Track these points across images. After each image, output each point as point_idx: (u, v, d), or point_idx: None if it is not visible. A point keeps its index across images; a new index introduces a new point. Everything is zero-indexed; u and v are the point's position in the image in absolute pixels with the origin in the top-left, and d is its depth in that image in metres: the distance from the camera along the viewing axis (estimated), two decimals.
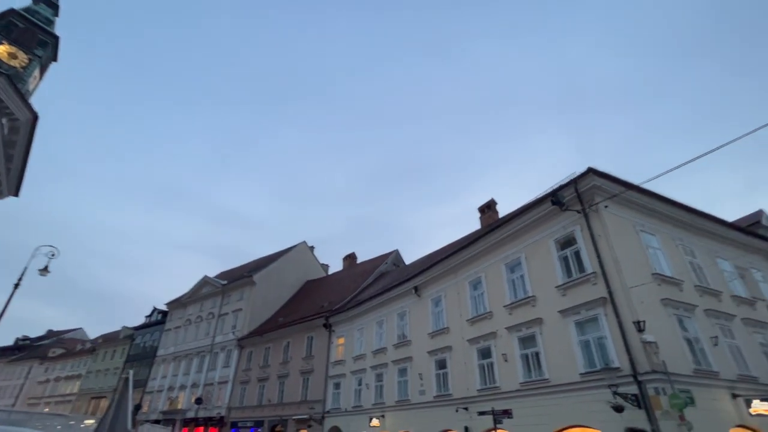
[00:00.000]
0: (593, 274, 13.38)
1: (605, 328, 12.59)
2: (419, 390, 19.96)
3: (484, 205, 26.35)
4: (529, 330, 15.18)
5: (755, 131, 6.50)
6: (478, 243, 18.92)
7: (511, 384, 15.19)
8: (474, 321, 18.01)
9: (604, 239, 13.42)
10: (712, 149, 7.29)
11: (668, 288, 13.49)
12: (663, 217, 15.68)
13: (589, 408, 12.18)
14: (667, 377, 10.86)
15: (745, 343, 13.99)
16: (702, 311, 13.72)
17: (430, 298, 21.60)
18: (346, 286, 35.35)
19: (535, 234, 16.26)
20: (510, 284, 16.94)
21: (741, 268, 16.73)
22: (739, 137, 7.04)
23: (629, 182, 14.45)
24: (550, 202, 14.93)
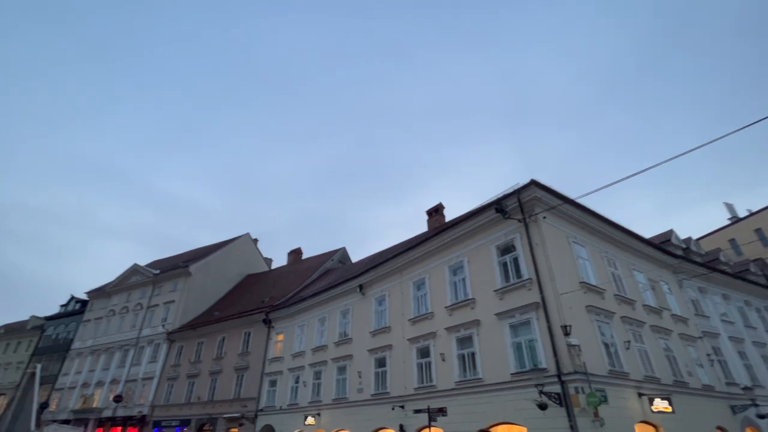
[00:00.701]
0: (529, 280, 14.20)
1: (536, 331, 13.41)
2: (358, 388, 19.99)
3: (432, 209, 26.99)
4: (467, 331, 15.78)
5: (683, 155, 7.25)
6: (424, 245, 19.34)
7: (447, 383, 15.69)
8: (415, 321, 18.38)
9: (541, 248, 14.31)
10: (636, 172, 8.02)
11: (593, 296, 14.68)
12: (592, 230, 17.04)
13: (517, 406, 12.92)
14: (586, 377, 11.83)
15: (651, 348, 15.61)
16: (619, 318, 15.10)
17: (374, 296, 21.72)
18: (289, 281, 34.54)
19: (478, 239, 16.94)
20: (452, 286, 17.51)
21: (652, 280, 18.65)
22: (658, 164, 7.82)
23: (566, 196, 15.53)
24: (494, 210, 15.63)
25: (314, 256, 41.01)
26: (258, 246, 48.92)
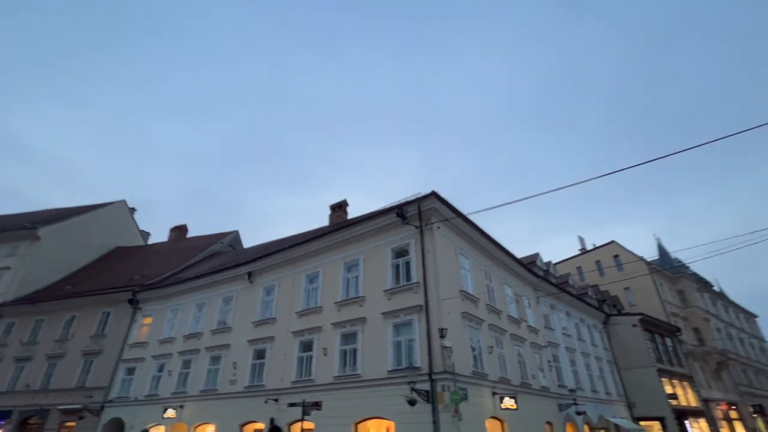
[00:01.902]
0: (417, 284, 15.09)
1: (416, 332, 14.30)
2: (231, 380, 18.92)
3: (335, 204, 26.94)
4: (353, 327, 16.10)
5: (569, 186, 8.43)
6: (324, 239, 19.20)
7: (326, 377, 15.79)
8: (303, 314, 18.13)
9: (432, 255, 15.33)
10: (519, 199, 9.15)
11: (468, 304, 16.23)
12: (476, 245, 18.85)
13: (389, 402, 13.58)
14: (453, 377, 13.01)
15: (508, 353, 17.86)
16: (487, 325, 16.95)
17: (263, 286, 20.84)
18: (167, 259, 31.17)
19: (376, 240, 17.44)
20: (345, 283, 17.70)
21: (517, 294, 21.39)
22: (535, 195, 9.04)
23: (460, 211, 16.92)
24: (396, 214, 16.29)
25: (201, 236, 37.74)
26: (135, 216, 43.15)
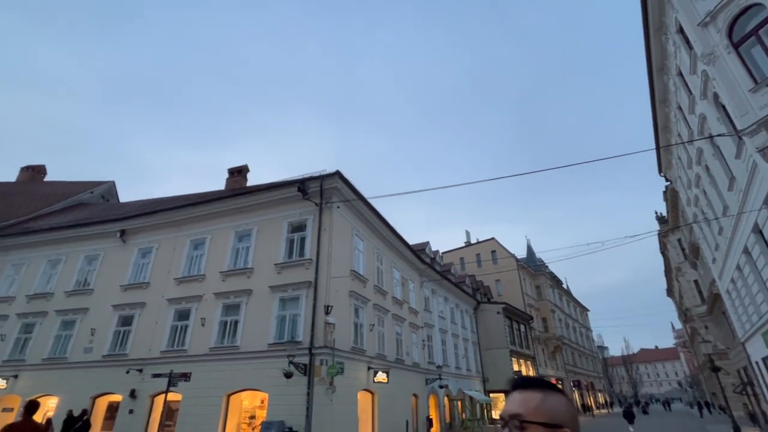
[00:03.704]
0: (309, 260, 15.16)
1: (302, 307, 14.45)
2: (86, 347, 16.86)
3: (235, 168, 25.25)
4: (237, 299, 15.58)
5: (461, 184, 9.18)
6: (216, 203, 17.98)
7: (201, 348, 15.07)
8: (183, 281, 16.90)
9: (328, 233, 15.50)
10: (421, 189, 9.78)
11: (357, 283, 16.88)
12: (373, 228, 19.58)
13: (265, 374, 13.59)
14: (332, 352, 13.54)
15: (388, 331, 19.14)
16: (372, 305, 17.88)
17: (138, 247, 18.80)
18: (13, 204, 25.97)
19: (273, 212, 16.95)
20: (234, 252, 16.93)
21: (404, 278, 22.89)
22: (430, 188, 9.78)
23: (361, 194, 17.33)
24: (297, 188, 16.01)
25: (64, 182, 32.17)
26: None
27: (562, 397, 1.00)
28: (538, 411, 0.94)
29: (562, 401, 0.99)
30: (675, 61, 14.93)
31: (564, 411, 0.97)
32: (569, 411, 0.98)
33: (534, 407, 0.95)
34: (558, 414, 0.95)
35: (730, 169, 12.70)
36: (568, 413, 0.97)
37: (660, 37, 15.51)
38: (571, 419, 0.96)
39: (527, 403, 0.96)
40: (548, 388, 1.01)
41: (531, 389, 1.00)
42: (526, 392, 0.99)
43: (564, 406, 0.98)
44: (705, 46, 10.46)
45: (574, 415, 0.98)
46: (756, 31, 9.33)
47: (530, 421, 0.93)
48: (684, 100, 15.26)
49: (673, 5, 11.94)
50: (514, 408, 0.97)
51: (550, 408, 0.95)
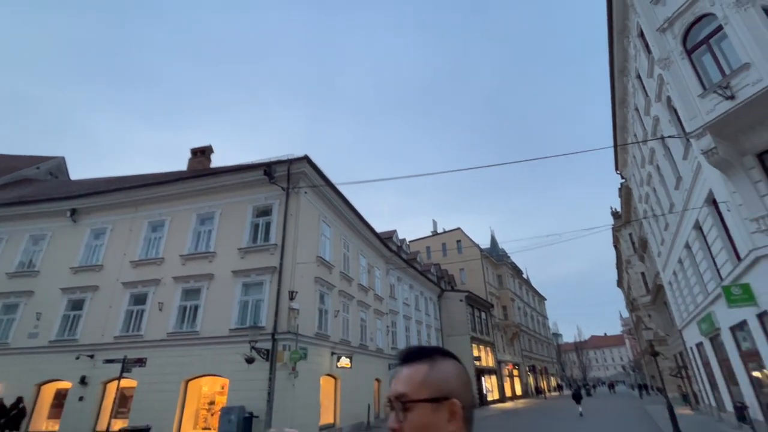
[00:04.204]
0: (274, 245, 14.91)
1: (266, 293, 14.25)
2: (30, 332, 15.90)
3: (198, 149, 24.23)
4: (198, 283, 15.13)
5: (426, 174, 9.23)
6: (177, 184, 17.24)
7: (158, 333, 14.59)
8: (139, 264, 16.19)
9: (294, 219, 15.28)
10: (390, 178, 9.79)
11: (323, 270, 16.82)
12: (340, 214, 19.48)
13: (226, 360, 13.37)
14: (296, 337, 13.49)
15: (353, 317, 19.27)
16: (337, 291, 17.89)
17: (92, 227, 17.78)
18: None
19: (238, 195, 16.47)
20: (195, 235, 16.37)
21: (371, 265, 23.03)
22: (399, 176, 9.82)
23: (330, 180, 17.14)
24: (263, 171, 15.61)
25: (6, 155, 29.69)
26: None
27: (450, 364, 0.93)
28: (424, 385, 0.87)
29: (450, 368, 0.92)
30: (635, 64, 15.64)
31: (452, 379, 0.90)
32: (459, 378, 0.91)
33: (419, 382, 0.88)
34: (446, 384, 0.88)
35: (678, 170, 13.57)
36: (458, 380, 0.91)
37: (623, 40, 16.17)
38: (461, 387, 0.90)
39: (412, 379, 0.89)
40: (436, 354, 0.94)
41: (418, 361, 0.92)
42: (412, 366, 0.91)
43: (453, 373, 0.91)
44: (662, 50, 11.01)
45: (465, 382, 0.92)
46: (707, 39, 9.92)
47: (414, 399, 0.85)
48: (641, 101, 16.07)
49: (636, 10, 12.46)
50: (398, 387, 0.89)
51: (437, 379, 0.88)
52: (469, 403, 0.90)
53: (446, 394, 0.87)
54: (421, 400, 0.85)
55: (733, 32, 9.11)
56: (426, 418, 0.85)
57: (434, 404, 0.85)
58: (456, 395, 0.87)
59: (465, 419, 0.88)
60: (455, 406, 0.86)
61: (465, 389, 0.91)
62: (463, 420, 0.87)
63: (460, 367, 0.95)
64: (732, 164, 9.36)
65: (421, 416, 0.85)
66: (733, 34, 9.09)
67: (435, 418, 0.85)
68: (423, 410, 0.85)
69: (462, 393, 0.89)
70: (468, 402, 0.90)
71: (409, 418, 0.85)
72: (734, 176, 9.39)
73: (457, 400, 0.86)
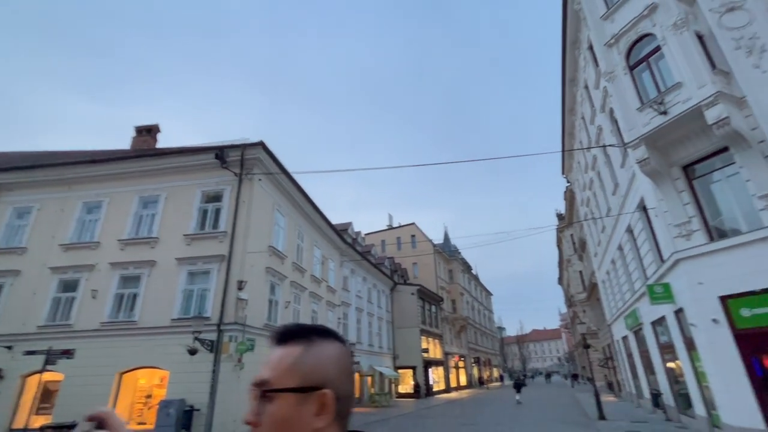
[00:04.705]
0: (224, 233, 14.31)
1: (213, 282, 13.67)
2: None
3: (144, 127, 22.61)
4: (138, 270, 14.21)
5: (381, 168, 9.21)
6: (118, 163, 16.01)
7: (90, 323, 13.55)
8: (71, 247, 14.90)
9: (246, 206, 14.74)
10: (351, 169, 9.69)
11: (275, 260, 16.42)
12: (296, 204, 19.07)
13: (166, 351, 12.70)
14: (243, 328, 13.10)
15: (304, 309, 19.02)
16: (289, 282, 17.56)
17: (14, 205, 16.09)
18: None
19: (186, 178, 15.60)
20: (136, 219, 15.33)
21: (325, 257, 22.82)
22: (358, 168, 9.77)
23: (286, 168, 16.71)
24: (215, 155, 14.89)
25: None
26: None
27: (331, 347, 0.80)
28: (292, 372, 0.74)
29: (329, 352, 0.79)
30: (584, 75, 16.61)
31: (329, 365, 0.77)
32: (338, 364, 0.79)
33: (286, 368, 0.75)
34: (319, 371, 0.75)
35: (616, 177, 14.64)
36: (336, 367, 0.78)
37: (574, 52, 17.10)
38: (338, 375, 0.77)
39: (280, 364, 0.75)
40: (314, 335, 0.80)
41: (293, 342, 0.78)
42: (286, 347, 0.78)
43: (331, 359, 0.78)
44: (608, 64, 11.77)
45: (344, 369, 0.79)
46: (647, 57, 10.74)
47: (276, 388, 0.73)
48: (587, 111, 17.12)
49: (588, 24, 13.20)
50: (263, 372, 0.76)
51: (309, 365, 0.75)
52: (346, 394, 0.78)
53: (318, 383, 0.74)
54: (285, 389, 0.72)
55: (669, 53, 9.93)
56: (288, 411, 0.71)
57: (301, 395, 0.73)
58: (331, 384, 0.75)
59: (338, 413, 0.75)
60: (326, 398, 0.73)
61: (343, 378, 0.79)
62: (336, 414, 0.74)
63: (342, 351, 0.81)
64: (661, 174, 10.25)
65: (283, 408, 0.71)
66: (669, 54, 9.91)
67: (299, 411, 0.72)
68: (286, 401, 0.72)
69: (339, 382, 0.77)
70: (344, 393, 0.77)
71: (269, 411, 0.71)
72: (663, 185, 10.30)
73: (330, 390, 0.74)
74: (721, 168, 9.55)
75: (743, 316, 8.62)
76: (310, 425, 0.71)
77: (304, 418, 0.72)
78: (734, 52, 9.32)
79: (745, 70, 9.12)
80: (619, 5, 11.51)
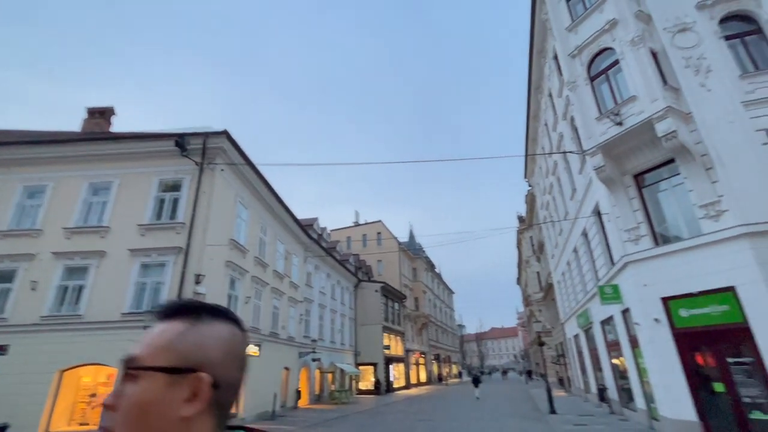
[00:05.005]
0: (182, 224, 13.69)
1: (168, 275, 13.05)
2: None
3: (97, 109, 21.18)
4: (85, 261, 13.31)
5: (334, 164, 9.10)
6: (67, 145, 14.90)
7: (28, 316, 12.55)
8: (8, 235, 13.73)
9: (207, 197, 14.17)
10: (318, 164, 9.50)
11: (236, 253, 15.91)
12: (260, 197, 18.56)
13: (116, 347, 11.94)
14: None
15: (265, 304, 18.58)
16: (250, 276, 17.08)
17: None
18: None
19: (142, 165, 14.77)
20: (86, 206, 14.35)
21: (288, 252, 22.39)
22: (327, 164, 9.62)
23: (250, 159, 16.20)
24: (174, 142, 14.19)
25: None
26: None
27: (221, 327, 0.70)
28: (167, 349, 0.64)
29: (218, 333, 0.69)
30: (548, 84, 17.24)
31: (215, 346, 0.67)
32: (226, 347, 0.69)
33: (162, 345, 0.65)
34: (199, 351, 0.66)
35: (574, 182, 15.33)
36: (222, 350, 0.68)
37: (541, 60, 17.71)
38: (223, 359, 0.67)
39: (156, 340, 0.66)
40: (205, 313, 0.71)
41: (178, 318, 0.69)
42: (169, 323, 0.68)
43: (218, 340, 0.68)
44: (571, 74, 12.27)
45: (232, 354, 0.70)
46: (607, 70, 11.29)
47: (144, 366, 0.63)
48: (550, 118, 17.79)
49: (553, 34, 13.70)
50: (134, 348, 0.66)
51: (189, 343, 0.66)
52: (230, 382, 0.68)
53: (194, 365, 0.64)
54: (153, 367, 0.63)
55: (626, 67, 10.49)
56: (152, 394, 0.62)
57: (171, 377, 0.63)
58: (211, 369, 0.65)
59: (216, 403, 0.65)
60: (201, 383, 0.63)
61: (230, 364, 0.69)
62: (212, 403, 0.64)
63: (235, 334, 0.72)
64: (615, 181, 10.83)
65: (147, 391, 0.62)
66: (627, 68, 10.47)
67: (166, 395, 0.62)
68: (152, 383, 0.62)
69: (223, 368, 0.67)
70: (228, 381, 0.67)
71: (129, 392, 0.62)
72: (616, 192, 10.89)
73: (206, 374, 0.64)
74: (668, 178, 10.22)
75: (682, 316, 9.29)
76: (176, 412, 0.61)
77: (170, 403, 0.62)
78: (684, 70, 10.00)
79: (692, 87, 9.80)
80: (583, 18, 12.03)
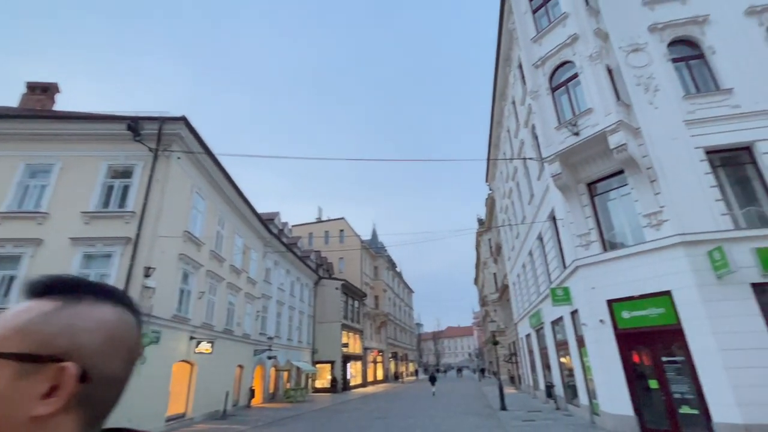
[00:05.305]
0: (132, 213, 12.88)
1: (114, 267, 12.23)
2: None
3: (38, 84, 19.43)
4: (18, 249, 12.20)
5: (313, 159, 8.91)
6: (3, 122, 13.57)
7: None
8: None
9: (160, 186, 13.42)
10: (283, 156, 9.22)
11: (190, 246, 15.19)
12: (218, 188, 17.84)
13: None
14: (148, 319, 11.91)
15: (220, 300, 17.89)
16: (205, 271, 16.38)
17: None
18: None
19: (89, 148, 13.75)
20: (21, 189, 13.15)
21: (247, 246, 21.70)
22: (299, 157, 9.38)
23: (210, 149, 15.52)
24: (127, 125, 13.31)
25: None
26: None
27: (105, 310, 0.57)
28: (24, 332, 0.52)
29: (97, 316, 0.56)
30: (512, 92, 17.83)
31: (90, 331, 0.54)
32: (107, 334, 0.56)
33: (18, 327, 0.52)
34: (67, 337, 0.53)
35: (532, 188, 15.95)
36: (101, 337, 0.55)
37: (506, 68, 18.27)
38: (102, 347, 0.55)
39: (11, 320, 0.53)
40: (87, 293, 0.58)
41: (50, 296, 0.56)
42: (37, 302, 0.55)
43: (95, 324, 0.55)
44: (534, 84, 12.75)
45: (115, 343, 0.57)
46: (567, 82, 11.82)
47: None
48: (513, 125, 18.41)
49: (519, 44, 14.17)
50: None
51: (55, 326, 0.53)
52: (107, 375, 0.55)
53: (58, 353, 0.52)
54: (3, 354, 0.50)
55: (584, 80, 11.04)
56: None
57: (24, 365, 0.50)
58: (81, 358, 0.53)
59: (84, 400, 0.52)
60: (63, 375, 0.51)
61: (111, 353, 0.56)
62: (79, 400, 0.52)
63: (122, 320, 0.59)
64: (570, 189, 11.38)
65: None
66: (585, 82, 11.02)
67: (16, 388, 0.49)
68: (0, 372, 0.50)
69: (99, 359, 0.54)
70: (105, 374, 0.55)
71: None
72: (570, 199, 11.44)
73: (73, 364, 0.51)
74: (617, 188, 10.88)
75: (624, 317, 9.92)
76: (27, 410, 0.49)
77: (20, 398, 0.49)
78: (635, 87, 10.67)
79: (642, 104, 10.48)
80: (547, 30, 12.52)
